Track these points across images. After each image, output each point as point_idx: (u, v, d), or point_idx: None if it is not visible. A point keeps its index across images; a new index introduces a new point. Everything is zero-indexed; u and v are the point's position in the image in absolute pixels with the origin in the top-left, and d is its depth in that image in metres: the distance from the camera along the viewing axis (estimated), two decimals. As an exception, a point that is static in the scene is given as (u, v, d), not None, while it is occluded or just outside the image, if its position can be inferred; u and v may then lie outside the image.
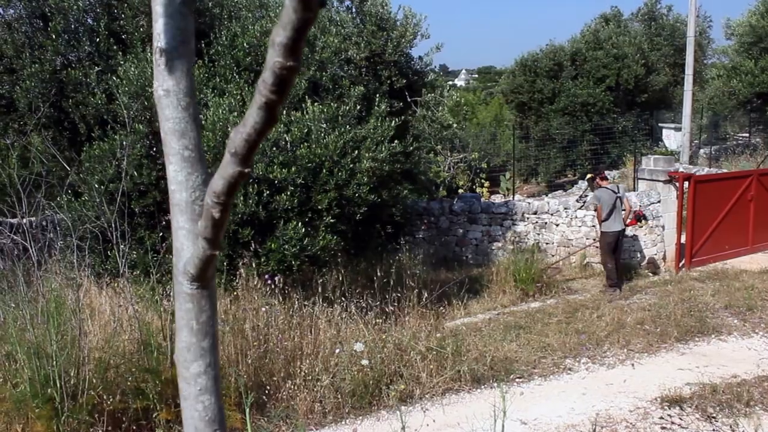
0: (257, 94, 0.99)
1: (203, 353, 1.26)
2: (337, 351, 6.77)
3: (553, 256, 13.49)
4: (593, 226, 13.07)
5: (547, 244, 13.68)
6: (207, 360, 1.27)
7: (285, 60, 0.96)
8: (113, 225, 6.18)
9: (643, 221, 12.55)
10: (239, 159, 1.07)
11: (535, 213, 13.83)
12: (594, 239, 13.02)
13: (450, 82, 19.14)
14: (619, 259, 11.95)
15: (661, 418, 6.34)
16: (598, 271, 12.56)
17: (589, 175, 15.42)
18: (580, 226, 13.41)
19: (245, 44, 8.97)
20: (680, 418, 6.31)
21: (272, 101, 0.99)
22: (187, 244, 1.26)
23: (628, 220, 12.03)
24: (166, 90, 1.28)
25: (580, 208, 13.43)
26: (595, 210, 12.03)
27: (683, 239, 13.11)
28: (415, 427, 5.93)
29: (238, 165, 1.07)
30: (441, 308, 9.56)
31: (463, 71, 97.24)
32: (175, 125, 1.27)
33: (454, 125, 12.25)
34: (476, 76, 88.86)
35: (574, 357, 7.98)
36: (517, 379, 7.41)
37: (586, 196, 13.71)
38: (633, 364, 7.75)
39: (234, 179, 1.08)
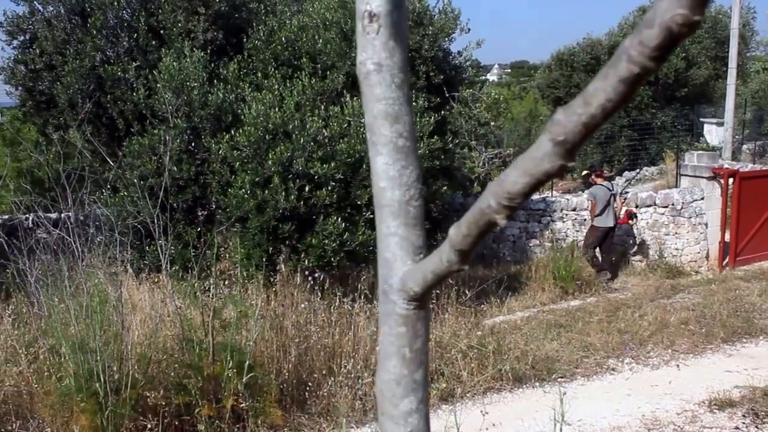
0: (621, 62, 0.74)
1: (415, 387, 1.06)
2: (378, 348, 6.68)
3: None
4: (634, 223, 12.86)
5: (585, 241, 13.48)
6: (419, 395, 1.07)
7: (691, 12, 0.70)
8: (154, 220, 6.15)
9: (634, 219, 12.87)
10: (566, 150, 0.81)
11: (573, 209, 13.63)
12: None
13: (482, 77, 18.91)
14: (613, 251, 12.31)
15: (711, 422, 6.18)
16: (639, 270, 12.37)
17: (584, 172, 15.33)
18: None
19: (283, 39, 8.92)
20: (730, 423, 6.15)
21: (645, 69, 0.74)
22: (400, 254, 1.03)
23: (620, 218, 12.41)
24: (377, 64, 1.04)
25: (623, 204, 13.22)
26: (591, 205, 12.34)
27: (727, 237, 12.85)
28: (453, 425, 5.84)
29: (561, 157, 0.81)
30: (479, 306, 9.46)
31: (496, 66, 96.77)
32: (388, 107, 1.04)
33: (492, 123, 12.12)
34: (509, 71, 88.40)
35: (617, 357, 7.83)
36: (559, 379, 7.28)
37: (627, 192, 13.49)
38: (678, 365, 7.59)
39: (545, 176, 0.84)
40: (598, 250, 12.25)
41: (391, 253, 1.04)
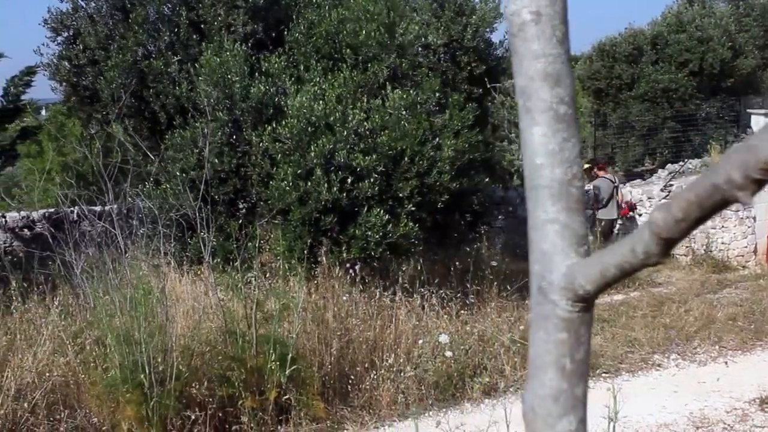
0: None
1: (575, 404, 0.87)
2: (420, 342, 6.66)
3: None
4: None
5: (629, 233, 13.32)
6: (579, 414, 0.87)
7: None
8: (196, 212, 6.18)
9: (635, 210, 13.19)
10: None
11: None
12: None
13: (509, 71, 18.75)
14: (611, 242, 12.20)
15: (763, 421, 6.06)
16: (683, 264, 12.18)
17: (586, 165, 15.35)
18: (664, 216, 12.99)
19: (323, 32, 8.90)
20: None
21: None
22: (562, 245, 0.84)
23: (622, 209, 12.83)
24: (536, 13, 0.85)
25: (665, 198, 13.02)
26: (594, 198, 12.65)
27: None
28: (500, 420, 5.79)
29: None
30: (521, 300, 9.38)
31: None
32: (547, 66, 0.84)
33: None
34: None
35: (663, 353, 7.71)
36: (603, 374, 7.19)
37: (671, 185, 13.28)
38: (726, 362, 7.45)
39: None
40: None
41: (549, 244, 0.86)
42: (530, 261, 0.87)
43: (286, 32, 9.37)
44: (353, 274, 7.23)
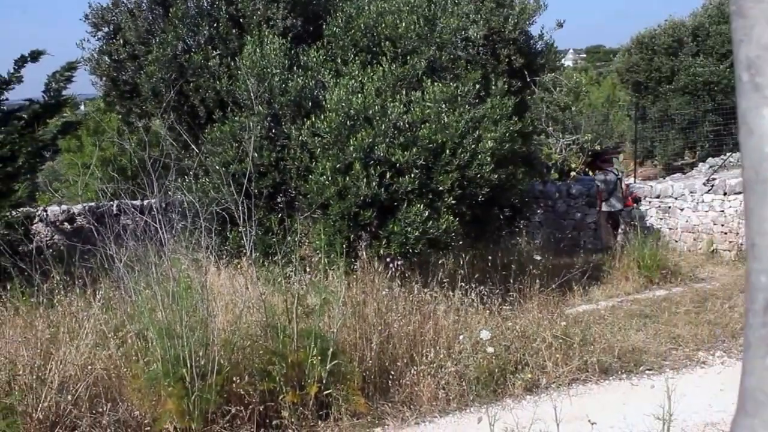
0: None
1: None
2: (461, 337, 6.60)
3: (677, 242, 12.96)
4: (721, 211, 12.48)
5: (670, 229, 13.15)
6: None
7: None
8: (237, 206, 6.17)
9: (639, 202, 13.52)
10: None
11: (657, 197, 13.32)
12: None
13: (555, 63, 18.61)
14: (616, 235, 13.01)
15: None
16: (727, 259, 11.99)
17: (589, 159, 15.52)
18: (707, 211, 12.80)
19: (361, 25, 8.86)
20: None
21: None
22: None
23: (626, 201, 13.08)
24: None
25: (707, 192, 12.82)
26: (598, 190, 12.94)
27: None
28: (542, 417, 5.72)
29: None
30: (562, 295, 9.27)
31: (571, 51, 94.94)
32: None
33: (573, 108, 11.92)
34: (584, 55, 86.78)
35: (708, 350, 7.57)
36: (647, 372, 7.07)
37: (714, 179, 13.08)
38: (773, 359, 7.29)
39: None
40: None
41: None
42: (751, 271, 0.70)
43: (324, 26, 9.35)
44: (392, 269, 7.19)
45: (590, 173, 14.78)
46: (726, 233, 12.47)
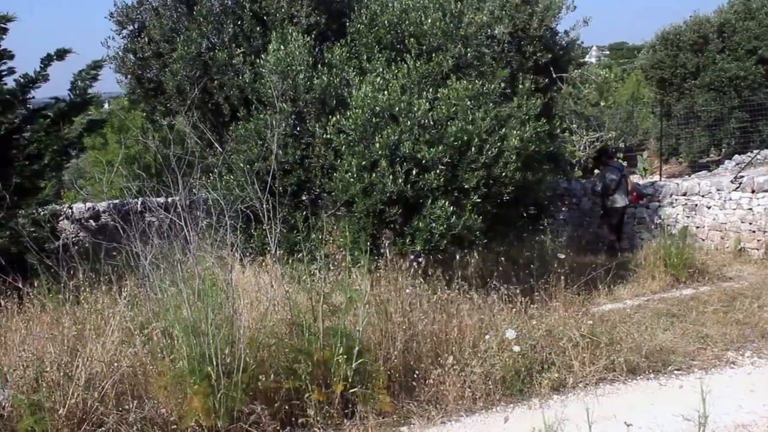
0: None
1: None
2: (487, 336, 6.54)
3: (703, 240, 12.82)
4: (749, 209, 12.33)
5: (697, 227, 13.01)
6: None
7: None
8: (262, 204, 6.16)
9: (643, 199, 13.67)
10: None
11: (684, 194, 13.18)
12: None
13: (580, 60, 18.50)
14: (621, 231, 13.31)
15: None
16: (755, 258, 11.85)
17: (595, 155, 15.80)
18: (734, 209, 12.65)
19: (385, 22, 8.83)
20: None
21: None
22: None
23: (631, 197, 13.29)
24: None
25: (735, 190, 12.67)
26: (603, 187, 12.93)
27: None
28: (569, 417, 5.67)
29: None
30: (588, 293, 9.20)
31: (594, 48, 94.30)
32: None
33: (602, 103, 11.83)
34: (607, 52, 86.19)
35: (737, 350, 7.46)
36: (675, 371, 6.98)
37: (742, 176, 12.92)
38: (805, 360, 7.18)
39: None
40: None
41: None
42: None
43: (347, 23, 9.33)
44: (416, 267, 7.15)
45: (596, 170, 14.96)
46: (754, 231, 12.31)
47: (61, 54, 10.13)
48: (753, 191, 12.41)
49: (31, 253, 7.12)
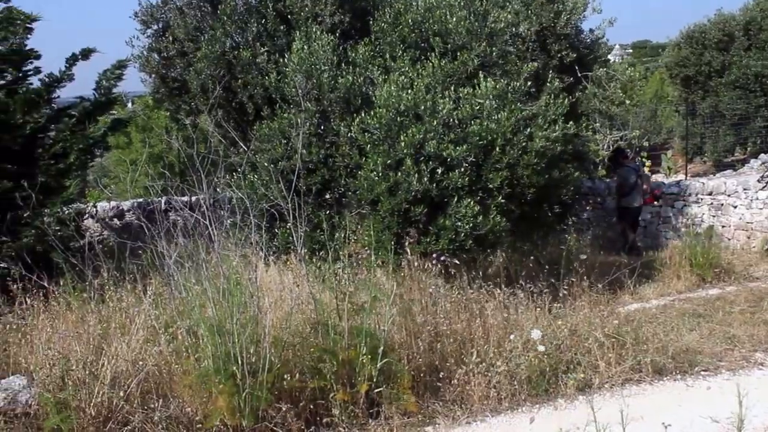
0: None
1: None
2: (512, 336, 6.50)
3: (729, 240, 12.70)
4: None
5: (723, 227, 12.89)
6: None
7: None
8: (288, 203, 6.15)
9: (660, 200, 13.60)
10: None
11: (709, 194, 13.06)
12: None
13: (605, 58, 18.45)
14: (636, 231, 13.27)
15: None
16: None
17: (611, 155, 15.75)
18: (761, 208, 12.52)
19: (409, 21, 8.80)
20: None
21: None
22: None
23: (647, 198, 13.18)
24: None
25: (762, 189, 12.54)
26: (619, 186, 13.13)
27: None
28: (597, 418, 5.62)
29: None
30: (612, 293, 9.13)
31: (617, 46, 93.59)
32: None
33: (627, 102, 11.77)
34: (630, 51, 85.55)
35: (765, 351, 7.37)
36: (702, 372, 6.91)
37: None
38: (835, 361, 7.08)
39: None
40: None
41: None
42: None
43: (371, 22, 9.31)
44: (440, 266, 7.12)
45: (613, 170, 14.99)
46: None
47: (86, 53, 10.18)
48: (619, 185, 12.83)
49: (56, 252, 7.14)
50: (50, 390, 5.26)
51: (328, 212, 8.10)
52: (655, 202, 13.54)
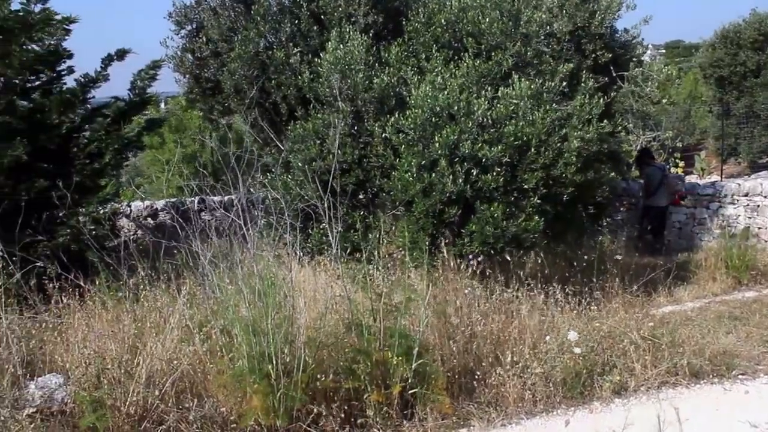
0: None
1: None
2: (548, 338, 6.45)
3: (766, 241, 12.52)
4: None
5: (759, 228, 12.71)
6: None
7: None
8: (324, 203, 6.15)
9: (686, 200, 13.58)
10: None
11: (746, 195, 12.88)
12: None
13: (641, 58, 18.29)
14: (663, 231, 13.24)
15: None
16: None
17: (637, 154, 15.80)
18: (800, 210, 12.34)
19: (443, 21, 8.77)
20: None
21: None
22: None
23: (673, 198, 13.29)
24: None
25: (798, 190, 12.37)
26: (645, 186, 13.29)
27: None
28: (632, 421, 5.57)
29: None
30: (647, 295, 9.04)
31: (650, 46, 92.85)
32: None
33: (663, 101, 11.67)
34: (663, 51, 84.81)
35: (804, 354, 7.27)
36: (740, 376, 6.81)
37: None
38: None
39: None
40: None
41: None
42: None
43: (404, 22, 9.30)
44: (474, 267, 7.08)
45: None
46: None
47: (121, 54, 10.27)
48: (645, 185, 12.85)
49: (91, 251, 7.20)
50: (86, 388, 5.29)
51: (362, 213, 8.09)
52: (682, 202, 13.50)
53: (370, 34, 9.03)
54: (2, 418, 4.94)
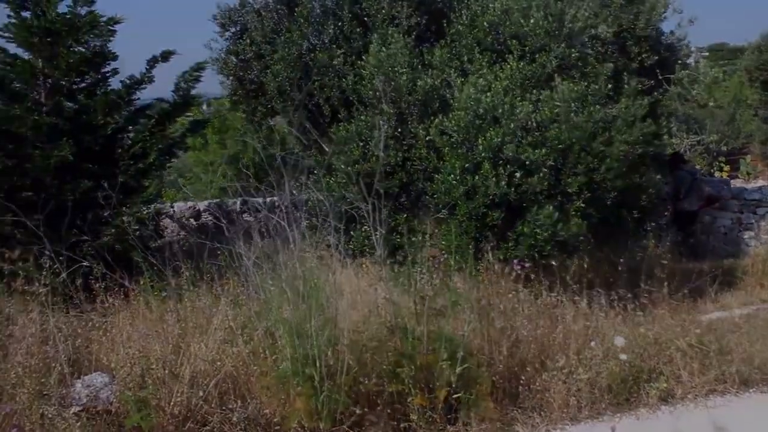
0: None
1: None
2: (593, 343, 6.36)
3: (814, 247, 12.28)
4: None
5: (809, 234, 12.47)
6: None
7: None
8: (368, 205, 6.13)
9: (717, 203, 13.51)
10: None
11: (794, 200, 12.65)
12: None
13: (687, 60, 18.10)
14: (693, 235, 13.24)
15: None
16: None
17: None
18: None
19: (485, 23, 8.71)
20: None
21: None
22: None
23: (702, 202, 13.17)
24: None
25: None
26: (674, 190, 13.14)
27: None
28: (680, 429, 5.47)
29: None
30: (692, 300, 8.88)
31: (693, 49, 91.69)
32: None
33: (710, 103, 11.51)
34: (706, 54, 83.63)
35: None
36: (775, 387, 6.67)
37: None
38: None
39: None
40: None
41: None
42: None
43: (447, 24, 9.26)
44: (519, 272, 7.01)
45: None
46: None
47: (166, 55, 10.34)
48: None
49: (135, 251, 7.24)
50: (131, 388, 5.31)
51: (405, 215, 8.06)
52: (712, 207, 13.46)
53: (413, 36, 9.01)
54: (50, 416, 4.97)
